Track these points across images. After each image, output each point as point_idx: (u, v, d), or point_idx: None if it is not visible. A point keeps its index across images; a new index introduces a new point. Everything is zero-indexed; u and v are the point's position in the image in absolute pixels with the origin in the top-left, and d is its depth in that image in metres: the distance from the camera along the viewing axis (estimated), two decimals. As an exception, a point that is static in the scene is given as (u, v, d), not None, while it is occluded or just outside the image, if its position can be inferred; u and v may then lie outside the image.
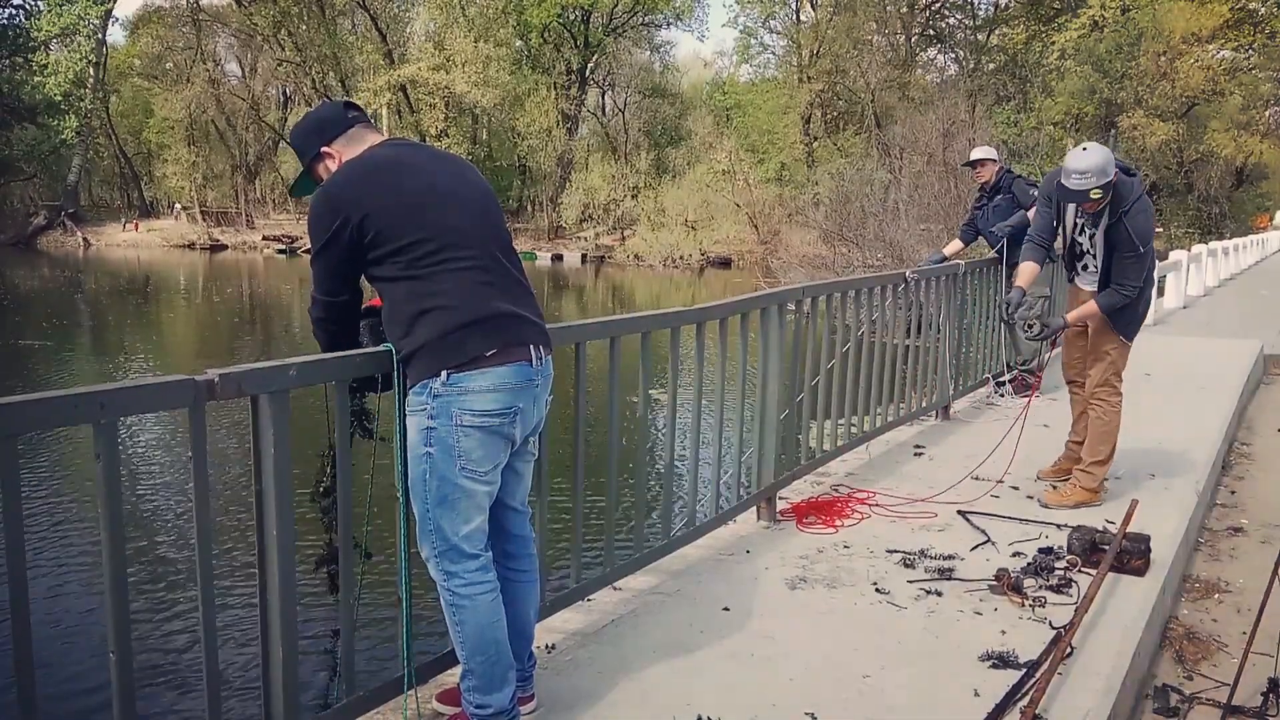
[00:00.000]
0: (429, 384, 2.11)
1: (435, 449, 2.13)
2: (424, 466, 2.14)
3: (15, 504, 1.63)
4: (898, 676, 2.67)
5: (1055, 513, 4.11)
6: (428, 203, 2.14)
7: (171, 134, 47.98)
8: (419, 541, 2.20)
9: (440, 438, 2.12)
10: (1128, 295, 4.03)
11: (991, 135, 21.85)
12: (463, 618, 2.19)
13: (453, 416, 2.11)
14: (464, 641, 2.21)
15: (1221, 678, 2.99)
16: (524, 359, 2.18)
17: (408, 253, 2.10)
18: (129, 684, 1.77)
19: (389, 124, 45.72)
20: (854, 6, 41.99)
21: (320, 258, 2.15)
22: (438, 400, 2.11)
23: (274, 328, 20.77)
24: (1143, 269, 4.04)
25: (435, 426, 2.12)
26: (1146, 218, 3.98)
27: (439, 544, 2.17)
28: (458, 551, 2.18)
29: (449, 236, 2.14)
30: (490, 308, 2.15)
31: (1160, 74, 33.56)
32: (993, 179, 6.69)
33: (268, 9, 44.15)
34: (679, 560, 3.44)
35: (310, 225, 2.15)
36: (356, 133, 2.25)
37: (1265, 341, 8.90)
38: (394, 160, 2.18)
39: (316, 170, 2.27)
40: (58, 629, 5.15)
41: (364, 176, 2.15)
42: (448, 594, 2.19)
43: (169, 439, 9.35)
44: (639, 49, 52.05)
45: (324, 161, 2.25)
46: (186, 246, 43.20)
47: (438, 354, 2.10)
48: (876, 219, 19.57)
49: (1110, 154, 3.93)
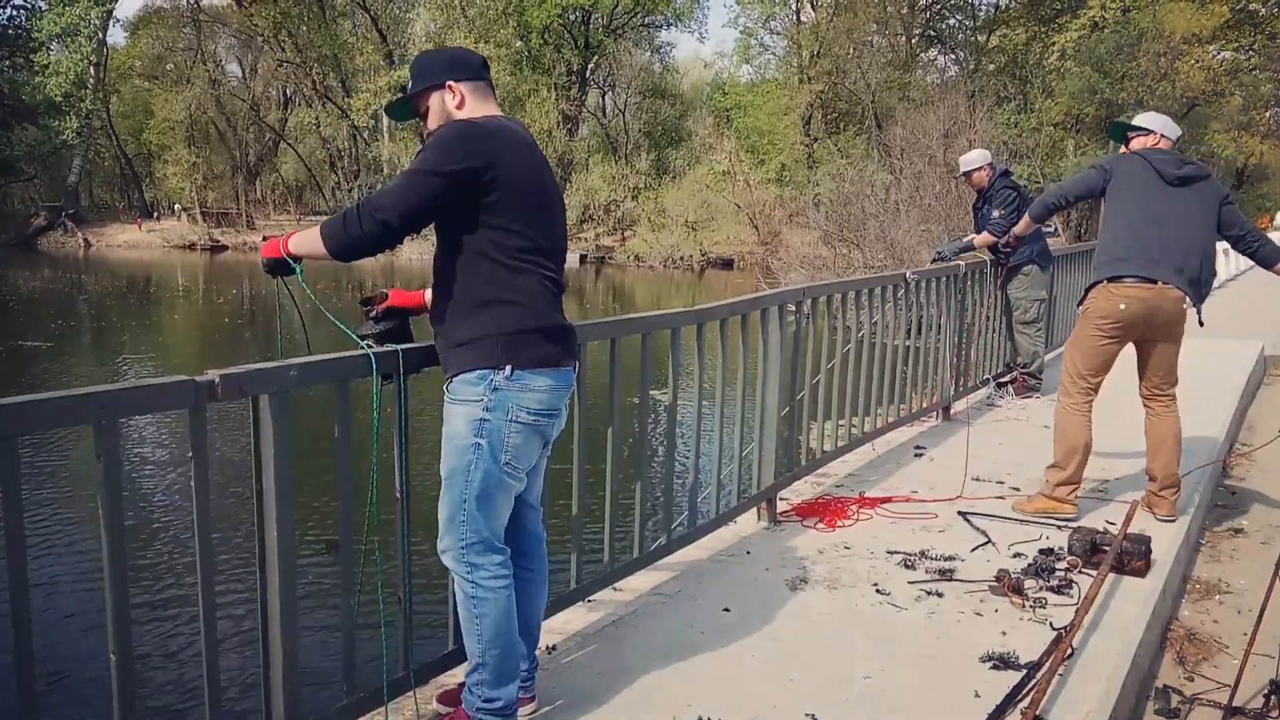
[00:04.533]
0: (490, 376, 2.12)
1: (485, 441, 2.14)
2: (470, 458, 2.15)
3: (16, 504, 1.63)
4: (898, 677, 2.67)
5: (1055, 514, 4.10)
6: (541, 204, 2.18)
7: (172, 135, 47.94)
8: (444, 533, 2.20)
9: (492, 430, 2.14)
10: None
11: (992, 136, 21.82)
12: (484, 610, 2.20)
13: (509, 411, 2.14)
14: (481, 635, 2.21)
15: (1222, 679, 2.99)
16: (571, 366, 2.27)
17: (510, 239, 2.12)
18: (129, 684, 1.77)
19: (389, 124, 45.76)
20: (854, 7, 41.96)
21: (423, 179, 2.06)
22: (497, 393, 2.13)
23: (275, 329, 20.75)
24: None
25: (489, 419, 2.14)
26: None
27: (469, 536, 2.18)
28: (486, 545, 2.20)
29: (545, 243, 2.19)
30: (555, 319, 2.22)
31: (1160, 74, 33.55)
32: (988, 183, 6.66)
33: (268, 10, 44.13)
34: (679, 561, 3.44)
35: (439, 147, 2.07)
36: (483, 90, 2.26)
37: (1266, 342, 8.89)
38: (528, 146, 2.21)
39: (429, 98, 2.23)
40: (58, 629, 5.15)
41: (510, 142, 2.15)
42: (470, 587, 2.20)
43: (169, 439, 9.35)
44: (639, 50, 52.04)
45: (443, 93, 2.22)
46: (187, 247, 43.16)
47: (507, 348, 2.14)
48: (877, 220, 19.57)
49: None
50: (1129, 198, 3.95)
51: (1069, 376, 4.07)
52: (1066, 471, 4.00)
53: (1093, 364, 4.01)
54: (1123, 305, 3.89)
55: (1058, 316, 7.89)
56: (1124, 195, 3.96)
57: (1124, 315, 3.90)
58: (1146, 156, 3.96)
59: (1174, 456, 4.07)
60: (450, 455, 2.17)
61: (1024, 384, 6.62)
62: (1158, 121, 4.11)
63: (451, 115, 2.21)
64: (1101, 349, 3.99)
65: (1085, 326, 4.01)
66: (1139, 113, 4.33)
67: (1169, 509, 4.06)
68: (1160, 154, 3.98)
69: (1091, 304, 3.98)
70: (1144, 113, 4.21)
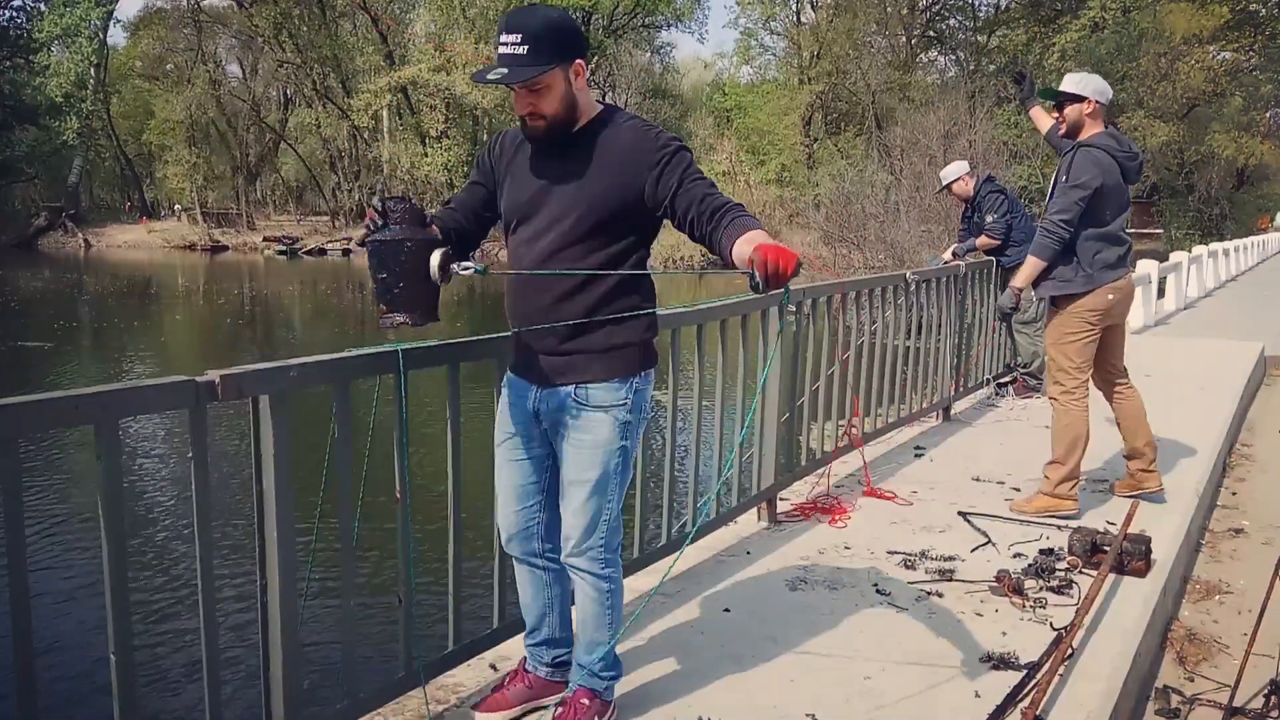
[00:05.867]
0: (631, 379, 2.16)
1: (629, 443, 2.20)
2: (617, 461, 2.18)
3: (16, 504, 1.63)
4: (898, 678, 2.67)
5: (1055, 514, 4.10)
6: None
7: (172, 135, 47.97)
8: (583, 536, 2.20)
9: (634, 432, 2.20)
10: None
11: (992, 137, 21.82)
12: (618, 600, 2.30)
13: (643, 411, 2.21)
14: (613, 622, 2.29)
15: (1223, 679, 2.99)
16: None
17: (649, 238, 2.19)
18: (129, 684, 1.77)
19: (389, 125, 45.76)
20: (854, 8, 41.97)
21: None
22: (638, 395, 2.18)
23: (275, 329, 20.77)
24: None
25: (633, 421, 2.19)
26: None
27: (612, 538, 2.24)
28: (620, 543, 2.29)
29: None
30: None
31: (1161, 75, 33.57)
32: (972, 191, 6.66)
33: (269, 10, 44.15)
34: (679, 561, 3.44)
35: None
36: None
37: (1266, 343, 8.89)
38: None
39: (557, 72, 1.99)
40: (58, 629, 5.15)
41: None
42: (607, 584, 2.26)
43: (170, 439, 9.35)
44: (639, 51, 52.10)
45: (572, 70, 2.02)
46: (187, 248, 43.18)
47: (646, 352, 2.20)
48: (877, 220, 19.58)
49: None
50: (1113, 199, 3.98)
51: (1065, 372, 4.09)
52: (1068, 466, 4.03)
53: (1087, 355, 4.09)
54: (1111, 296, 4.03)
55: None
56: (1110, 197, 3.96)
57: (1110, 304, 4.05)
58: (1113, 154, 3.95)
59: (1148, 426, 4.23)
60: (595, 463, 2.16)
61: (1024, 384, 6.62)
62: (1092, 85, 4.02)
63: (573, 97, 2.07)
64: (1093, 340, 4.08)
65: (1074, 322, 4.05)
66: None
67: (1158, 481, 4.20)
68: (1119, 146, 3.98)
69: (1082, 300, 4.02)
70: (1073, 73, 4.12)
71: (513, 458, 2.29)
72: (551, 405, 2.18)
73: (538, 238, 2.12)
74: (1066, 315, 4.06)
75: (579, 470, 2.17)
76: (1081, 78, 4.04)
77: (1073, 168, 3.93)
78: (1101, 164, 3.91)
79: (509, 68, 1.96)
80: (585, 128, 2.11)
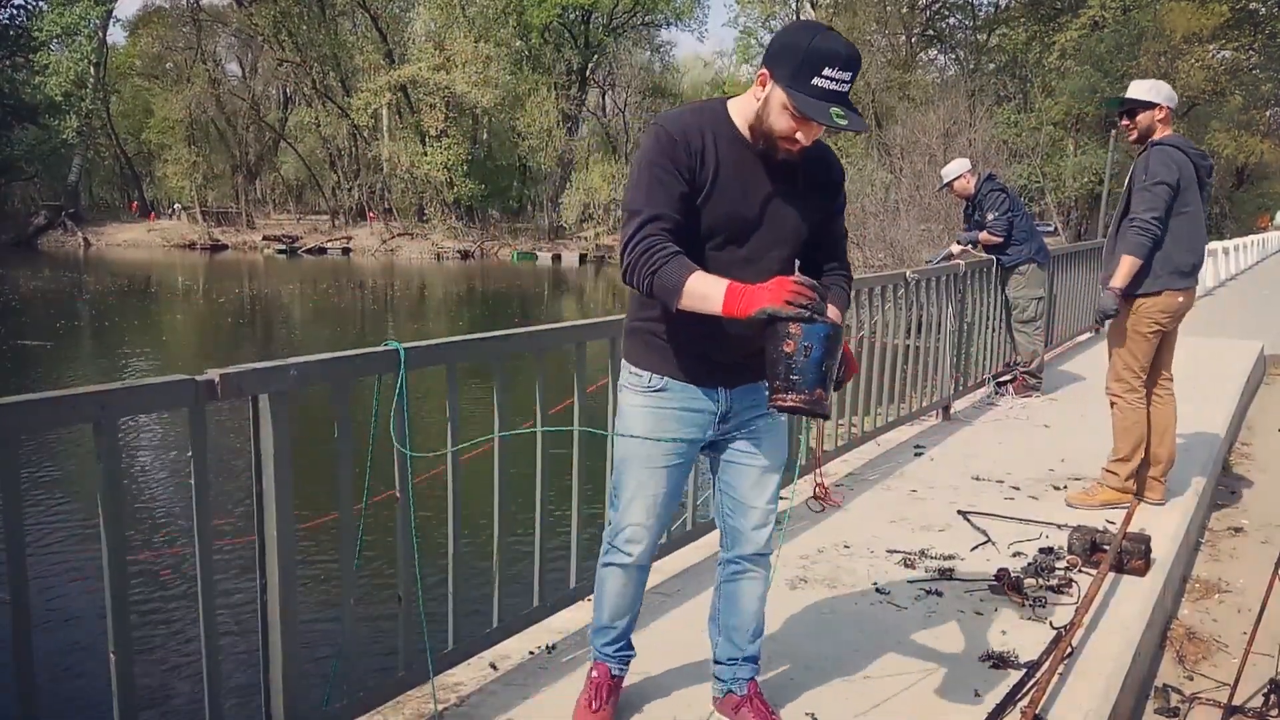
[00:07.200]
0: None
1: None
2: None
3: (16, 504, 1.63)
4: (898, 677, 2.67)
5: (1056, 513, 4.11)
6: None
7: (172, 134, 47.97)
8: (771, 531, 2.33)
9: None
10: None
11: (992, 135, 21.82)
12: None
13: None
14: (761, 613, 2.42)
15: (1222, 678, 2.99)
16: None
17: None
18: (129, 684, 1.77)
19: (389, 124, 45.75)
20: (854, 7, 41.96)
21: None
22: None
23: (275, 328, 20.76)
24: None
25: None
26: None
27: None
28: None
29: None
30: None
31: (1161, 74, 33.54)
32: (973, 190, 6.65)
33: (268, 9, 44.13)
34: (679, 561, 3.44)
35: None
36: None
37: (1266, 342, 8.89)
38: None
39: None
40: (58, 629, 5.15)
41: None
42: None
43: (169, 439, 9.35)
44: (639, 49, 52.11)
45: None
46: (187, 246, 43.19)
47: None
48: (877, 219, 19.60)
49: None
50: (1192, 202, 4.02)
51: (1130, 372, 4.18)
52: (1133, 463, 4.18)
53: (1150, 356, 4.20)
54: (1180, 299, 4.12)
55: (1058, 316, 7.88)
56: (1190, 200, 4.01)
57: (1180, 308, 4.13)
58: (1186, 152, 4.00)
59: (1174, 436, 4.31)
60: (784, 442, 2.30)
61: (1024, 383, 6.62)
62: (1164, 92, 4.07)
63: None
64: (1155, 342, 4.17)
65: (1144, 324, 4.10)
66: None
67: (1163, 492, 4.25)
68: (1192, 148, 4.06)
69: (1155, 300, 4.08)
70: (1138, 81, 4.16)
71: (673, 463, 2.22)
72: (745, 402, 2.19)
73: (764, 251, 2.06)
74: (1138, 315, 4.11)
75: (776, 455, 2.26)
76: (1152, 85, 4.09)
77: (1150, 166, 3.97)
78: (1176, 160, 3.96)
79: (848, 111, 1.89)
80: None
